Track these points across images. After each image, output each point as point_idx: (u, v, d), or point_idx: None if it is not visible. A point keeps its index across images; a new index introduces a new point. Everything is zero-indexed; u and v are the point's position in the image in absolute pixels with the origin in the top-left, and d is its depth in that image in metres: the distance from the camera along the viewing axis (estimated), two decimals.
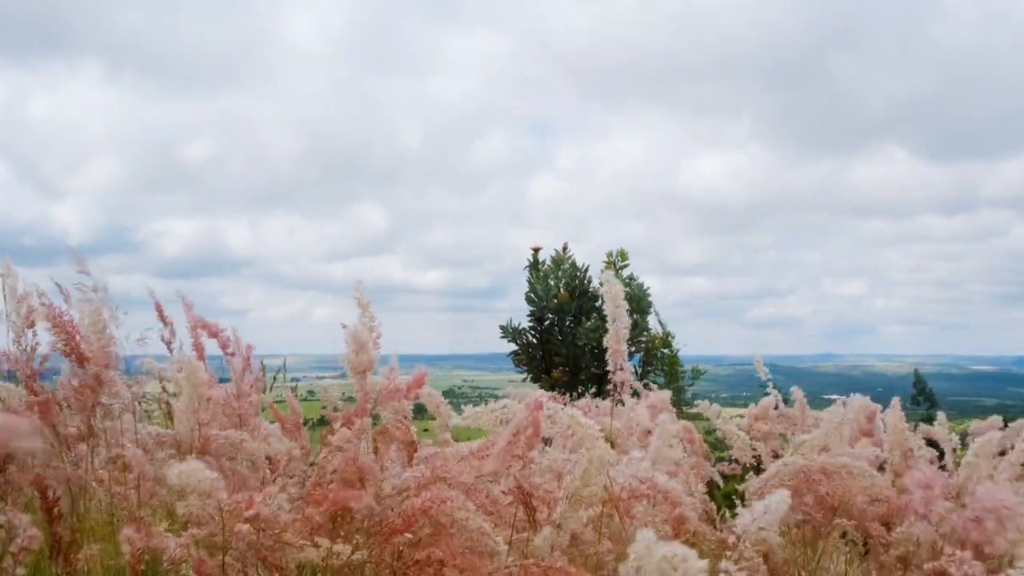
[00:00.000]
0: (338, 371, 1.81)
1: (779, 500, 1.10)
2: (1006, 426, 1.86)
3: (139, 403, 1.63)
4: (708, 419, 2.25)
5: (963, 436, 1.74)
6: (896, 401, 1.93)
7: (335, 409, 1.78)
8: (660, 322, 6.65)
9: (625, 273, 6.64)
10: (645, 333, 6.52)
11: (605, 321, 1.70)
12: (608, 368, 1.70)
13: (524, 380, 6.59)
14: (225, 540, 1.13)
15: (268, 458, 1.73)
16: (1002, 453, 1.81)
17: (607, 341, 1.54)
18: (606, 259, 6.75)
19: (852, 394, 2.27)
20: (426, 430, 1.91)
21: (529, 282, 6.71)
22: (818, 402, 2.70)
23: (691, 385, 6.71)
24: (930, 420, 1.96)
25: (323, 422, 1.72)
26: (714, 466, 2.12)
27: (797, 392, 2.39)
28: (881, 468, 1.95)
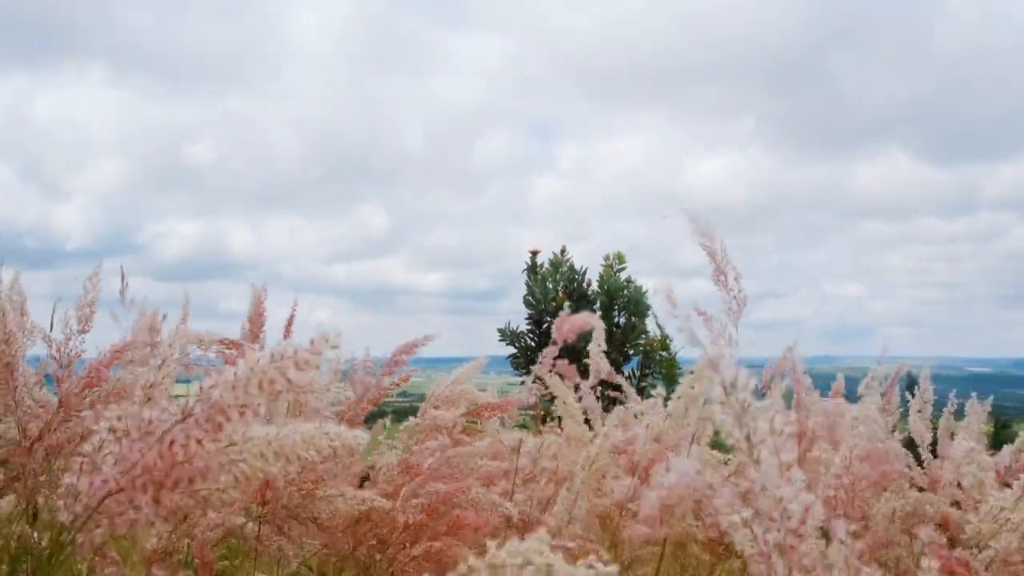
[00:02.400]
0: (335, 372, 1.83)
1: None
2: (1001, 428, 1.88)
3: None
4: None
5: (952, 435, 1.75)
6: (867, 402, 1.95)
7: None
8: (658, 325, 6.68)
9: (623, 275, 6.66)
10: (643, 336, 6.54)
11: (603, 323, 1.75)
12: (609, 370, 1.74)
13: (522, 383, 6.60)
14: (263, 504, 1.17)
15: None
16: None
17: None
18: (603, 262, 6.77)
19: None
20: None
21: (527, 285, 6.73)
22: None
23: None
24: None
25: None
26: None
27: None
28: None
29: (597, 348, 1.79)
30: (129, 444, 0.56)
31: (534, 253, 6.91)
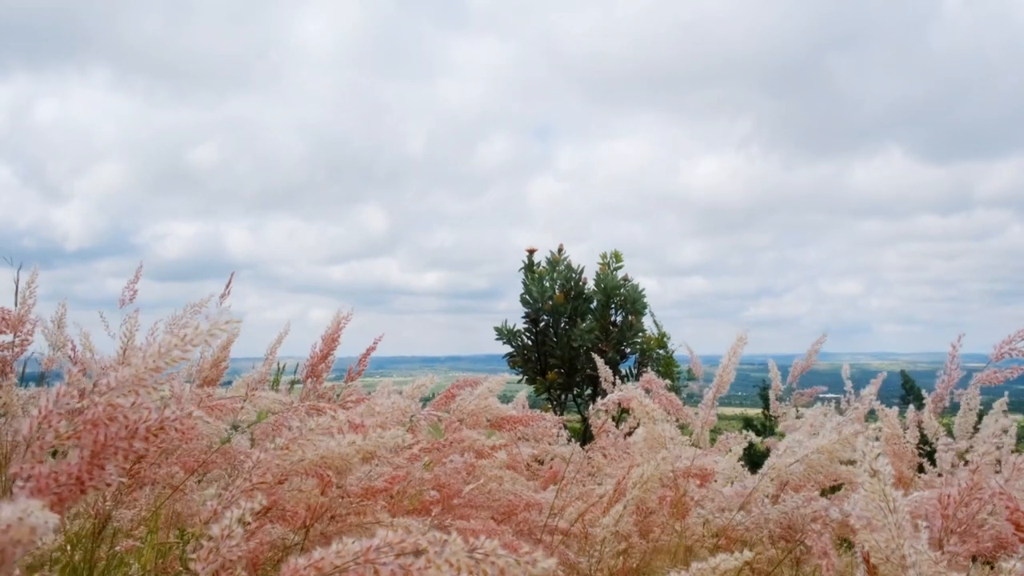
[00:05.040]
0: (332, 372, 1.84)
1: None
2: None
3: None
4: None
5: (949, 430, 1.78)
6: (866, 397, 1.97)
7: None
8: (655, 323, 6.69)
9: (619, 274, 6.67)
10: (640, 334, 6.55)
11: (599, 322, 1.80)
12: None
13: (519, 381, 6.61)
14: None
15: None
16: None
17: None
18: (600, 260, 6.77)
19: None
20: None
21: (524, 284, 6.73)
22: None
23: (686, 385, 6.75)
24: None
25: None
26: None
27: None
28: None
29: None
30: None
31: (531, 252, 6.91)
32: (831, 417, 2.03)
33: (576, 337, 6.34)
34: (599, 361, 2.12)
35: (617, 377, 6.40)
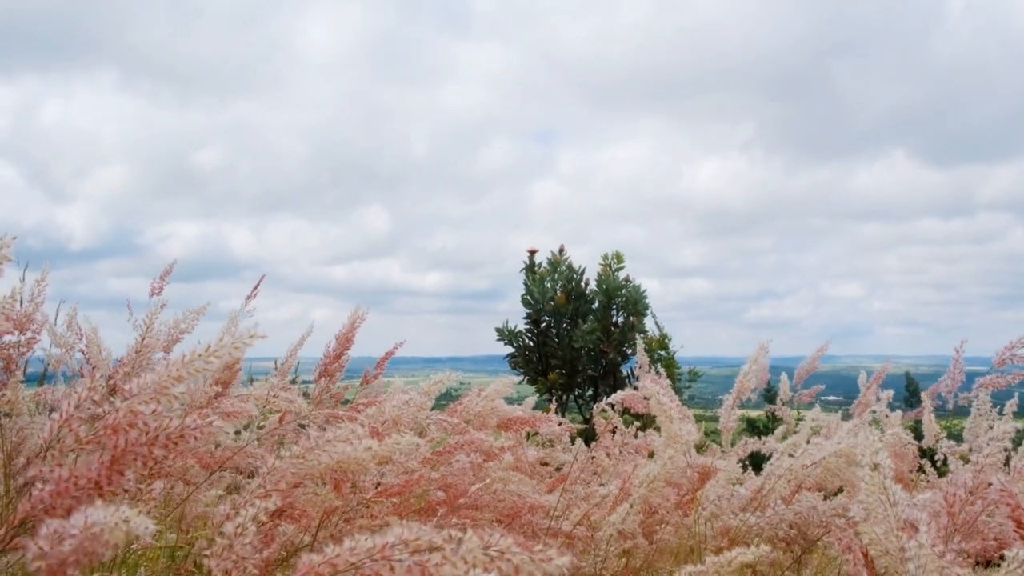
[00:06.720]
0: (343, 372, 1.84)
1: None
2: None
3: None
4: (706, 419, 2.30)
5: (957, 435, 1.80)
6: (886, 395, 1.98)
7: None
8: (657, 324, 6.69)
9: (621, 275, 6.67)
10: (642, 335, 6.55)
11: (601, 323, 1.82)
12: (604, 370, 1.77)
13: (520, 382, 6.61)
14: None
15: None
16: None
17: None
18: (602, 261, 6.77)
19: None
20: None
21: (525, 285, 6.73)
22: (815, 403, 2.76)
23: (688, 387, 6.76)
24: (919, 422, 2.02)
25: None
26: None
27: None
28: None
29: None
30: None
31: (532, 252, 6.90)
32: (836, 419, 2.04)
33: (577, 338, 6.34)
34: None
35: (613, 378, 6.41)
